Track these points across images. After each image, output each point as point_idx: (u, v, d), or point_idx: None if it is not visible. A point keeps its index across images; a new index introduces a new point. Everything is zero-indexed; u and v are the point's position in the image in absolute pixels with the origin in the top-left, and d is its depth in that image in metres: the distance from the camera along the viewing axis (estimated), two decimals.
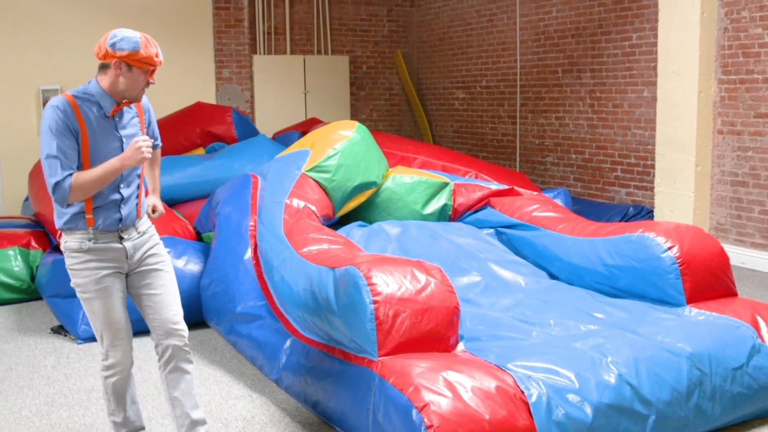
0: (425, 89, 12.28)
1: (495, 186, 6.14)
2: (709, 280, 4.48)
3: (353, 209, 5.96)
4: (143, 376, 4.75)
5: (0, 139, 9.56)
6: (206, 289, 5.40)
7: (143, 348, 5.26)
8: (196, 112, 8.72)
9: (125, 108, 3.39)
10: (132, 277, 3.47)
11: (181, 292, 5.51)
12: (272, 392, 4.45)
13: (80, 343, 5.38)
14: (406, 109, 12.41)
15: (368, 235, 5.43)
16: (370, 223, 5.94)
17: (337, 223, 5.90)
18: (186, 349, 3.50)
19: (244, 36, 10.93)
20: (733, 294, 4.59)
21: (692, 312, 4.29)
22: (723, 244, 5.66)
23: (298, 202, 5.18)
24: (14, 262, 6.38)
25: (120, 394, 3.53)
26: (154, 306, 3.46)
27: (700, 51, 7.29)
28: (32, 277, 6.42)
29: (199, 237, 6.19)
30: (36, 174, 7.61)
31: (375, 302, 3.58)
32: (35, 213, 7.24)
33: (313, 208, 5.22)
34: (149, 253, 3.47)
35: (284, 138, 8.53)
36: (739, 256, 7.32)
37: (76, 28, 9.87)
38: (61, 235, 3.42)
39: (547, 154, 9.94)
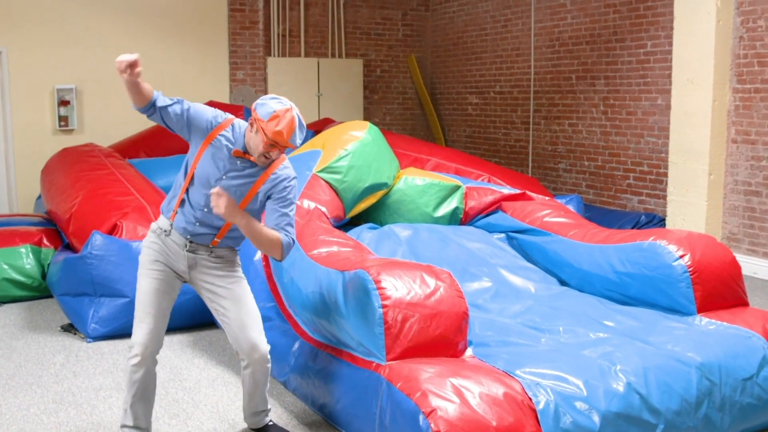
0: (439, 94, 12.27)
1: (507, 190, 6.12)
2: (720, 290, 4.45)
3: (364, 210, 5.95)
4: None
5: (15, 138, 9.61)
6: None
7: None
8: None
9: (252, 164, 3.50)
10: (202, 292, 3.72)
11: (190, 293, 5.56)
12: (280, 394, 4.45)
13: (90, 342, 5.39)
14: (419, 113, 12.41)
15: (379, 238, 5.42)
16: (381, 224, 5.93)
17: (347, 224, 5.89)
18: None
19: (258, 38, 10.96)
20: (744, 304, 4.57)
21: (703, 321, 4.27)
22: (735, 254, 5.64)
23: (308, 204, 5.18)
24: (26, 259, 6.41)
25: (136, 385, 3.58)
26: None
27: (715, 59, 7.26)
28: (43, 275, 6.44)
29: None
30: (48, 172, 7.65)
31: (384, 306, 3.57)
32: (47, 211, 7.28)
33: (323, 209, 5.22)
34: (215, 282, 3.65)
35: None
36: (751, 266, 7.28)
37: (92, 28, 9.91)
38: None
39: (560, 160, 9.91)
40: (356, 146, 5.74)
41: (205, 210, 3.52)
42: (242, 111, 8.68)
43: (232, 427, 4.04)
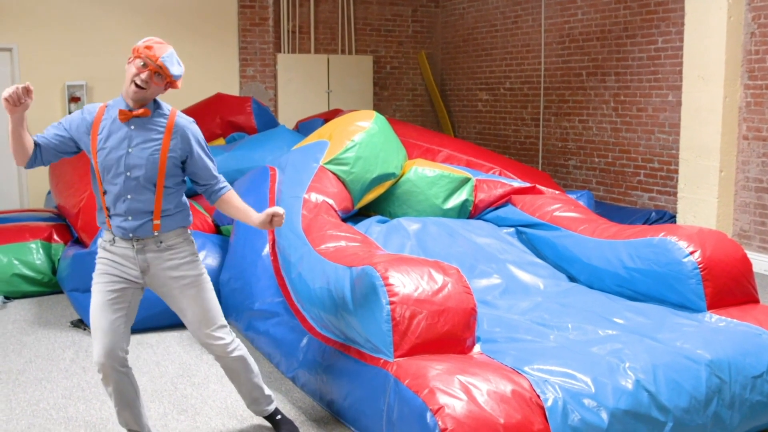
0: (449, 90, 12.25)
1: (517, 183, 6.09)
2: (730, 286, 4.43)
3: (373, 201, 5.93)
4: (161, 372, 4.77)
5: None
6: (225, 285, 5.40)
7: (160, 344, 5.29)
8: (216, 102, 8.78)
9: (147, 119, 3.41)
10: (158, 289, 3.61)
11: None
12: (288, 390, 4.45)
13: None
14: (429, 109, 12.39)
15: (387, 232, 5.40)
16: (390, 215, 5.92)
17: (356, 215, 5.88)
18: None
19: (268, 35, 10.96)
20: (755, 301, 4.54)
21: (713, 318, 4.24)
22: (746, 251, 5.60)
23: (316, 197, 5.18)
24: (36, 255, 6.43)
25: (113, 396, 3.55)
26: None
27: (727, 55, 7.22)
28: (54, 271, 6.46)
29: (218, 229, 6.19)
30: (56, 166, 7.64)
31: (392, 303, 3.57)
32: (57, 206, 7.29)
33: (331, 202, 5.21)
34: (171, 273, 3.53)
35: (308, 125, 8.54)
36: (762, 263, 7.24)
37: (102, 25, 9.94)
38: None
39: (570, 157, 9.88)
40: (363, 137, 5.72)
41: (129, 197, 3.37)
42: (250, 102, 8.69)
43: (241, 423, 4.04)
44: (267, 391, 3.88)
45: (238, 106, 8.65)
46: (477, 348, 3.77)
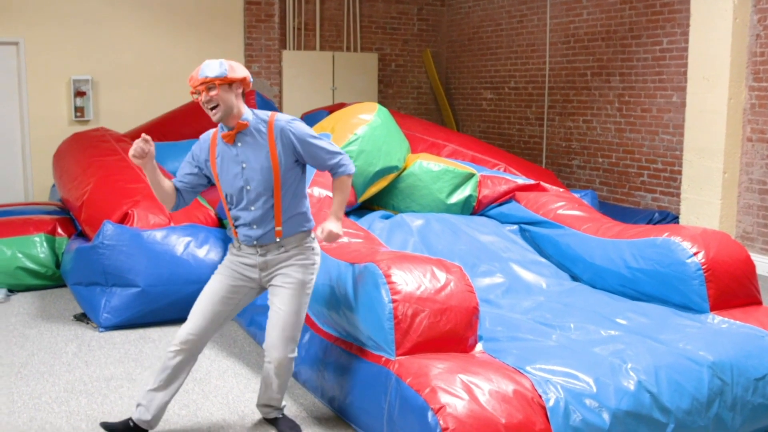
0: (453, 89, 12.24)
1: (521, 180, 6.09)
2: (733, 288, 4.42)
3: (377, 194, 5.92)
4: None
5: (31, 129, 9.65)
6: None
7: (163, 339, 5.29)
8: None
9: (250, 133, 3.58)
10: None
11: (202, 283, 5.56)
12: (290, 387, 4.45)
13: (102, 332, 5.42)
14: (433, 108, 12.38)
15: (390, 228, 5.40)
16: (393, 208, 5.91)
17: (359, 208, 5.88)
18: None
19: (274, 31, 10.96)
20: (758, 302, 4.53)
21: (715, 319, 4.24)
22: (750, 253, 5.59)
23: (319, 192, 5.18)
24: (40, 248, 6.44)
25: (166, 372, 3.66)
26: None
27: (732, 57, 7.21)
28: (57, 264, 6.47)
29: (221, 223, 6.19)
30: (60, 157, 7.60)
31: (394, 301, 3.57)
32: (61, 198, 7.29)
33: None
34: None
35: (312, 117, 8.55)
36: (765, 265, 7.24)
37: (108, 20, 9.94)
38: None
39: (574, 157, 9.87)
40: (366, 130, 5.71)
41: (251, 209, 3.59)
42: (254, 96, 8.71)
43: (242, 419, 4.05)
44: (284, 402, 3.97)
45: None
46: (479, 347, 3.77)
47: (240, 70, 3.56)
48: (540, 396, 3.31)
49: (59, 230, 6.64)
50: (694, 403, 3.54)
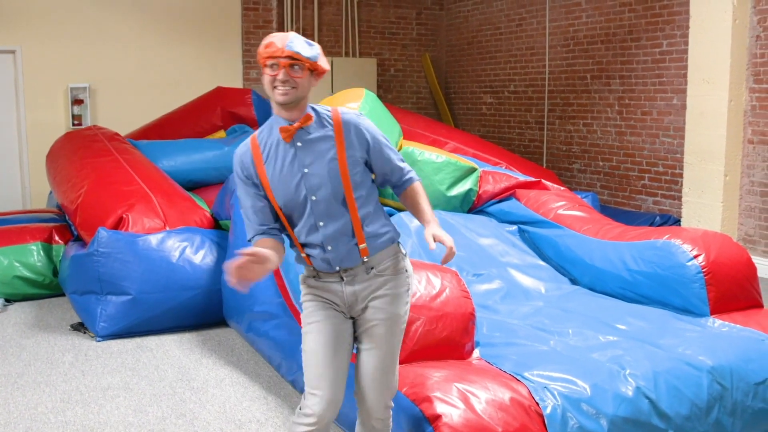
0: (453, 93, 12.22)
1: (522, 177, 6.05)
2: (734, 291, 4.39)
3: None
4: (159, 376, 4.74)
5: (29, 137, 9.65)
6: (227, 285, 5.33)
7: (160, 348, 5.27)
8: (217, 95, 8.84)
9: (311, 131, 2.90)
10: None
11: (199, 289, 5.53)
12: (288, 395, 4.42)
13: (99, 341, 5.39)
14: (433, 112, 12.36)
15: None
16: (393, 198, 5.86)
17: None
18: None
19: None
20: (759, 305, 4.50)
21: (716, 323, 4.20)
22: (751, 256, 5.56)
23: None
24: (36, 256, 6.41)
25: None
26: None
27: (732, 59, 7.17)
28: (55, 272, 6.44)
29: (217, 224, 6.15)
30: (53, 158, 7.48)
31: None
32: (58, 204, 7.24)
33: None
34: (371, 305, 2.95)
35: None
36: (767, 268, 7.19)
37: (106, 27, 9.94)
38: None
39: (574, 160, 9.84)
40: None
41: (321, 224, 2.86)
42: (250, 93, 8.72)
43: (239, 428, 4.02)
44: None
45: (238, 98, 8.73)
46: (476, 353, 3.74)
47: (325, 61, 2.93)
48: (537, 403, 3.28)
49: (56, 238, 6.61)
50: (693, 409, 3.51)
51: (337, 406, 2.92)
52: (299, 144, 2.87)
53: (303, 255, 2.92)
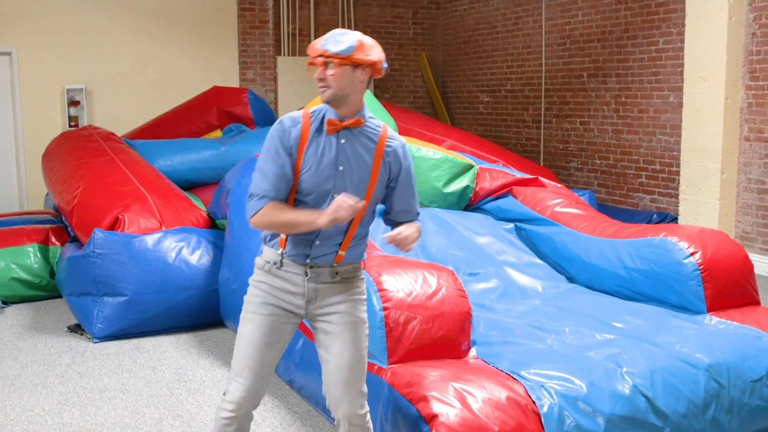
0: (450, 92, 12.22)
1: (519, 174, 6.05)
2: (731, 288, 4.39)
3: None
4: (156, 377, 4.74)
5: (25, 138, 9.64)
6: (224, 285, 5.35)
7: (157, 349, 5.26)
8: (213, 94, 8.84)
9: (357, 133, 2.90)
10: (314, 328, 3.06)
11: (195, 289, 5.53)
12: (284, 395, 4.42)
13: (96, 342, 5.38)
14: (430, 111, 12.36)
15: (385, 227, 5.34)
16: None
17: None
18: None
19: (268, 37, 10.94)
20: (756, 303, 4.50)
21: (713, 320, 4.20)
22: (748, 253, 5.56)
23: None
24: (33, 258, 6.40)
25: None
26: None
27: (728, 56, 7.18)
28: (52, 274, 6.43)
29: (213, 223, 6.14)
30: (49, 158, 7.45)
31: (385, 308, 3.53)
32: (55, 205, 7.22)
33: None
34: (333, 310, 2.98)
35: None
36: (764, 265, 7.19)
37: (102, 28, 9.93)
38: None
39: (572, 159, 9.84)
40: None
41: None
42: (246, 93, 8.73)
43: None
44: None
45: (234, 97, 8.73)
46: (473, 352, 3.73)
47: (372, 52, 2.87)
48: (534, 402, 3.27)
49: (52, 239, 6.60)
50: (690, 407, 3.50)
51: (256, 397, 2.96)
52: (343, 141, 2.88)
53: (282, 237, 2.92)
